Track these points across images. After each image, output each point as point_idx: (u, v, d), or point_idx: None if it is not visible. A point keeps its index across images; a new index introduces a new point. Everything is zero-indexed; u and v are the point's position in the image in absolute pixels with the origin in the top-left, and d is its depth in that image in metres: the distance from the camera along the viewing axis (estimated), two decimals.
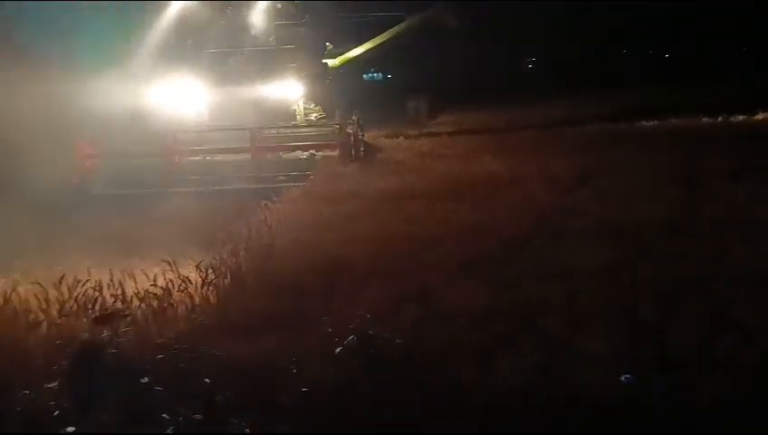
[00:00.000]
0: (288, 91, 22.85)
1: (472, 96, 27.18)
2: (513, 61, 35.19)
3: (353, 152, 15.12)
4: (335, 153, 14.92)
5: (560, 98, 25.74)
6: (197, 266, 6.49)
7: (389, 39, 27.85)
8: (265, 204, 9.22)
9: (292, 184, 11.87)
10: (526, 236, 7.74)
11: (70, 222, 10.10)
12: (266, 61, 21.45)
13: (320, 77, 23.97)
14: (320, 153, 15.17)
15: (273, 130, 17.12)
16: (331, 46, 25.68)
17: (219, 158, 15.20)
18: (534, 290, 5.95)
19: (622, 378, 4.28)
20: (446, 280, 6.34)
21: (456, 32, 28.79)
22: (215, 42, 21.22)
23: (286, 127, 18.83)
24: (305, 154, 15.31)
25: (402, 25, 28.30)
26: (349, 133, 15.22)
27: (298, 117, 22.44)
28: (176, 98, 18.96)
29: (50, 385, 4.17)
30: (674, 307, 5.39)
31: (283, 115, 21.29)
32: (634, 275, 6.23)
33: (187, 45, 20.80)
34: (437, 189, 10.79)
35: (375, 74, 35.13)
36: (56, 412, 3.97)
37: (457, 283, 6.27)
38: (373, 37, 28.01)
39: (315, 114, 23.55)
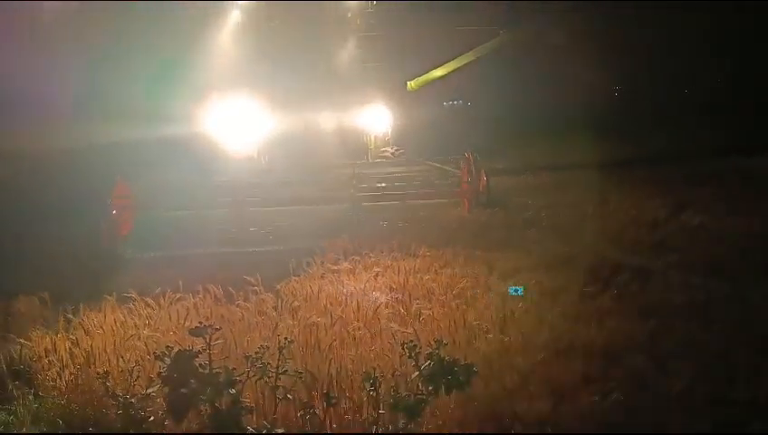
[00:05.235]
0: (366, 118, 19.38)
1: (565, 127, 25.37)
2: (605, 87, 32.07)
3: (485, 197, 12.76)
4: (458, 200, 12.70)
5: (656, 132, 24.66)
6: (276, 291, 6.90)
7: (478, 58, 23.87)
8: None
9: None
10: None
11: None
12: (337, 82, 18.35)
13: (398, 102, 21.02)
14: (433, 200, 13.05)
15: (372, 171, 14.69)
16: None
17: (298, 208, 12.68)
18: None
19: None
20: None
21: (557, 51, 24.66)
22: (276, 60, 17.86)
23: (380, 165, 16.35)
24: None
25: (495, 41, 24.10)
26: (480, 177, 12.84)
27: (370, 150, 19.11)
28: (229, 128, 16.15)
29: (145, 392, 4.46)
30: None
31: (357, 149, 18.04)
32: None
33: (244, 64, 17.71)
34: None
35: (456, 101, 31.90)
36: (151, 417, 4.26)
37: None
38: (459, 55, 23.79)
39: (390, 148, 20.62)
